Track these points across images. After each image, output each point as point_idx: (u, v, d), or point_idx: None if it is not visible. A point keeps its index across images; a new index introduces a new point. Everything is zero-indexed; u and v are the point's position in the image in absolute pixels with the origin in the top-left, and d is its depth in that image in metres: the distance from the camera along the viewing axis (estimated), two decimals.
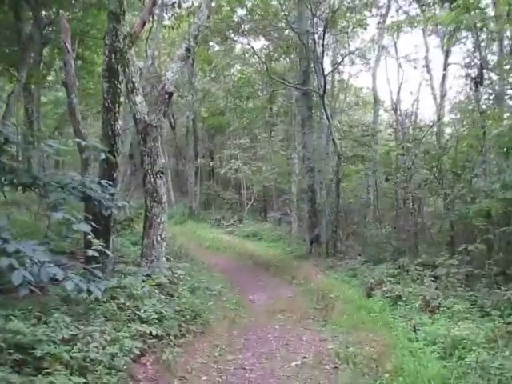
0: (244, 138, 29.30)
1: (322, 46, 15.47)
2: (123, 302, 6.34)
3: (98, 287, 5.29)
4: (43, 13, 15.91)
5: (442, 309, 8.04)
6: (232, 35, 16.92)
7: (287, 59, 20.00)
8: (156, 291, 7.47)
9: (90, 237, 6.06)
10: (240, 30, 16.69)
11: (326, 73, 16.26)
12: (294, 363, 6.32)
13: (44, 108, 22.53)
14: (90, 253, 6.01)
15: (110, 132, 8.30)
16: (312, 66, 17.01)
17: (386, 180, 14.69)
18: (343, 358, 6.32)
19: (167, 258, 11.81)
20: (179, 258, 13.45)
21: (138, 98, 9.71)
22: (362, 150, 15.76)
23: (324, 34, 15.56)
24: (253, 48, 17.35)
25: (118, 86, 8.25)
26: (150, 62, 14.74)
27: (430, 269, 10.31)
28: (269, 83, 20.11)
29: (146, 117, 9.64)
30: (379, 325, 7.84)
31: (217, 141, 36.19)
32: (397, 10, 20.36)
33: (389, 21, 20.47)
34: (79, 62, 17.01)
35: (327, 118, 16.48)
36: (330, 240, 16.62)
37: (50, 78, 21.45)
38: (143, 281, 7.64)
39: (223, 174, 30.26)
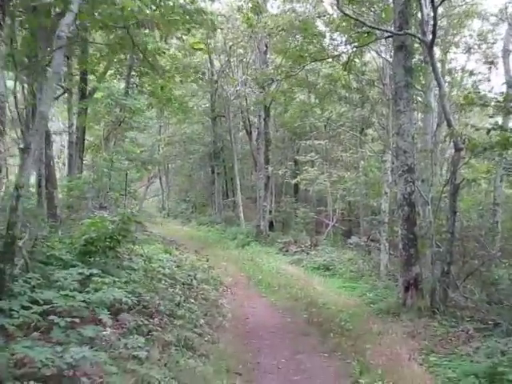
0: (323, 140, 22.77)
1: None
2: None
3: None
4: None
5: None
6: None
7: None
8: None
9: None
10: None
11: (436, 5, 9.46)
12: None
13: None
14: None
15: None
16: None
17: None
18: None
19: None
20: (170, 315, 7.46)
21: None
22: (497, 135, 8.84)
23: None
24: None
25: None
26: None
27: None
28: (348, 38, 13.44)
29: None
30: None
31: (299, 146, 29.70)
32: None
33: None
34: None
35: (437, 81, 9.71)
36: (437, 286, 9.81)
37: None
38: None
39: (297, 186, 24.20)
